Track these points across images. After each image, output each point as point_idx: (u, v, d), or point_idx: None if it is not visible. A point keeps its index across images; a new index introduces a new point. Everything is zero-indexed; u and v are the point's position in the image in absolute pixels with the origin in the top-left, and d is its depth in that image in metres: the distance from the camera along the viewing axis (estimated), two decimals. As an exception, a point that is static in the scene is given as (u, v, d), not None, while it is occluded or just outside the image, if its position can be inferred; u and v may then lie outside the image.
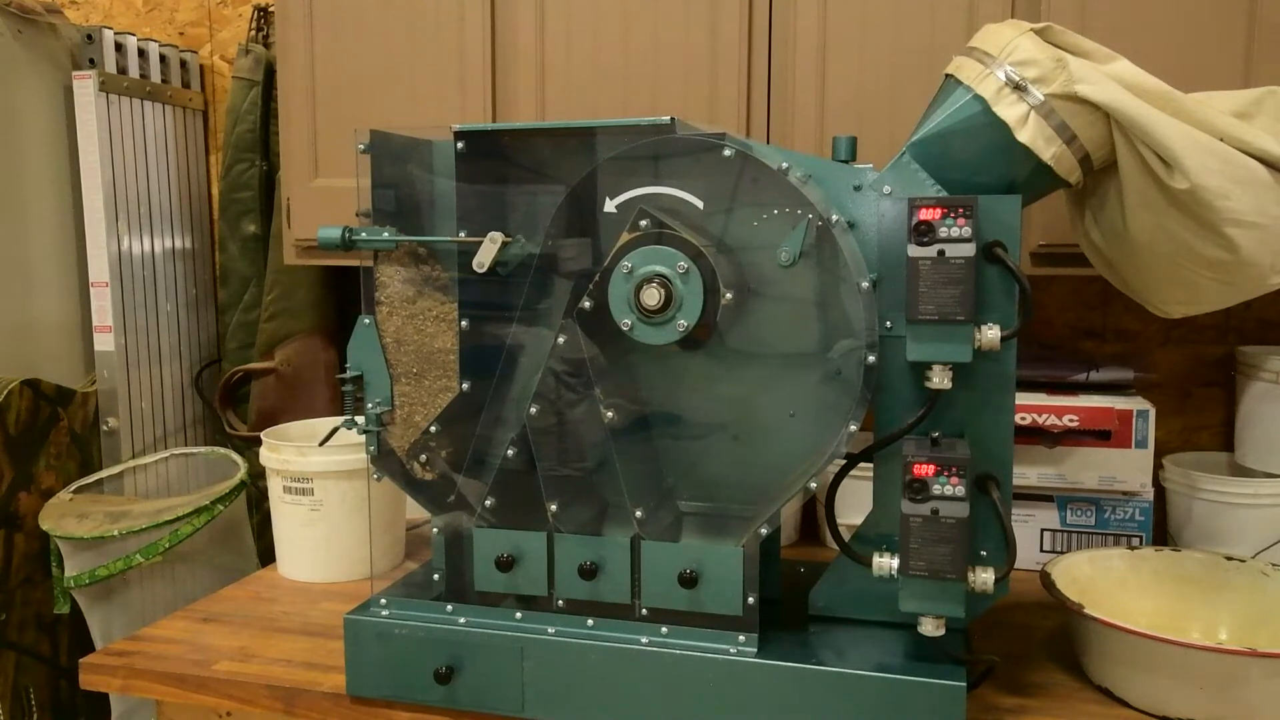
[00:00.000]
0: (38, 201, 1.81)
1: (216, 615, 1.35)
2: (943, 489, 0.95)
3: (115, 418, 1.85)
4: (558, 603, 1.06)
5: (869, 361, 0.95)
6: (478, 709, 1.07)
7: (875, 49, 1.36)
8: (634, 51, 1.44)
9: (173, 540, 1.60)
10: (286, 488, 1.47)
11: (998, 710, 1.04)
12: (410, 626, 1.08)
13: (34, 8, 1.81)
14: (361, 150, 1.07)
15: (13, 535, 1.69)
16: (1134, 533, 1.41)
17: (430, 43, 1.52)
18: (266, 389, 1.92)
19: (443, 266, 1.08)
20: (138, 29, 2.04)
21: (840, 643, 1.04)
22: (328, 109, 1.59)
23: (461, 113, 1.51)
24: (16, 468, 1.70)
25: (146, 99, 1.90)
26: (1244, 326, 1.59)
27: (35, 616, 1.74)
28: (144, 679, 1.18)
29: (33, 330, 1.80)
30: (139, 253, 1.88)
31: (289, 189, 1.62)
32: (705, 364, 1.00)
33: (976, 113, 0.99)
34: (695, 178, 0.98)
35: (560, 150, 1.03)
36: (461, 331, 1.07)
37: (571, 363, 1.03)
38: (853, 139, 1.05)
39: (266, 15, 1.90)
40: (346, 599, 1.32)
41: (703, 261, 0.97)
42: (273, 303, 1.89)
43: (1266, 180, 0.96)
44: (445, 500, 1.10)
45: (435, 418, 1.09)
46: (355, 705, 1.11)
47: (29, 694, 1.73)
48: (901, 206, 0.99)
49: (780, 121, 1.41)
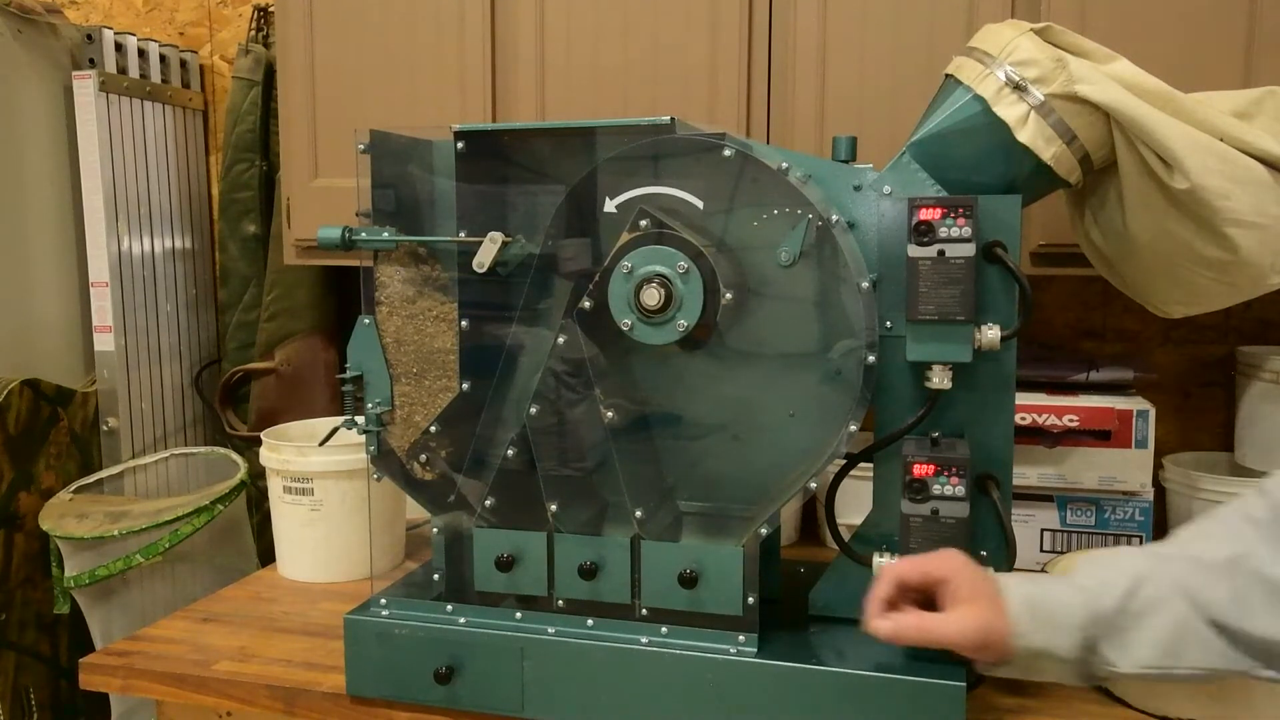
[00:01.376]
0: (38, 201, 1.81)
1: (216, 615, 1.35)
2: (943, 489, 0.95)
3: (115, 418, 1.85)
4: (558, 603, 1.06)
5: (869, 361, 0.95)
6: (478, 709, 1.07)
7: (875, 49, 1.36)
8: (634, 51, 1.44)
9: (173, 540, 1.60)
10: (286, 488, 1.47)
11: (998, 710, 1.04)
12: (410, 626, 1.08)
13: (34, 8, 1.81)
14: (361, 150, 1.07)
15: (13, 535, 1.69)
16: (1134, 533, 1.41)
17: (430, 43, 1.52)
18: (266, 389, 1.92)
19: (443, 266, 1.08)
20: (138, 29, 2.04)
21: (840, 643, 1.04)
22: (328, 109, 1.59)
23: (461, 113, 1.51)
24: (16, 468, 1.70)
25: (146, 99, 1.90)
26: (1244, 326, 1.59)
27: (35, 616, 1.74)
28: (144, 679, 1.18)
29: (33, 330, 1.80)
30: (139, 253, 1.88)
31: (289, 189, 1.62)
32: (705, 364, 1.00)
33: (976, 113, 0.99)
34: (695, 178, 0.98)
35: (560, 150, 1.03)
36: (461, 331, 1.07)
37: (571, 363, 1.03)
38: (853, 139, 1.05)
39: (266, 15, 1.90)
40: (346, 599, 1.32)
41: (703, 261, 0.97)
42: (273, 303, 1.89)
43: (1266, 180, 0.96)
44: (445, 500, 1.10)
45: (435, 418, 1.09)
46: (355, 705, 1.11)
47: (29, 694, 1.73)
48: (901, 206, 0.99)
49: (780, 121, 1.41)
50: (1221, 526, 0.79)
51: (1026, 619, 0.76)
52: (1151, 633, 0.73)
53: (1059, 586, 0.77)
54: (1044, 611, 0.75)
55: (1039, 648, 0.76)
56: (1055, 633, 0.75)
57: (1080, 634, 0.75)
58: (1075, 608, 0.75)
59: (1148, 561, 0.76)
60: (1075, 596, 0.75)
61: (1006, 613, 0.76)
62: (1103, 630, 0.74)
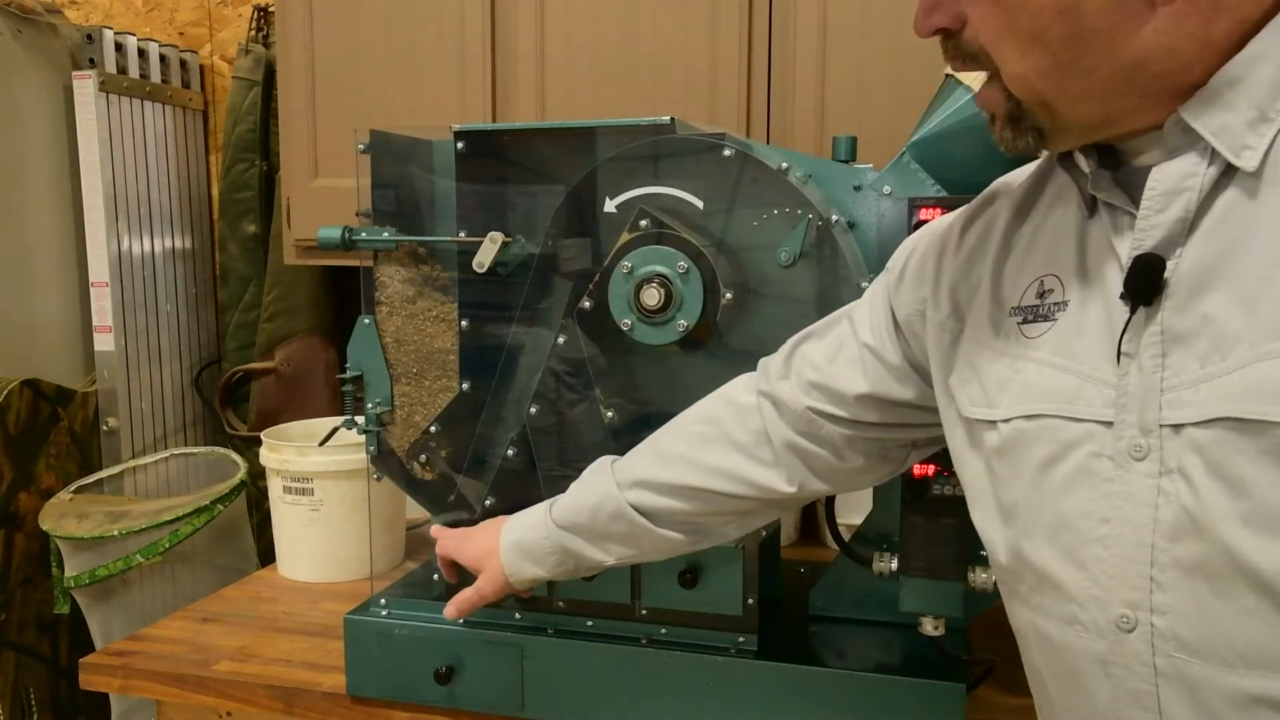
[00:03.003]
0: (38, 201, 1.80)
1: (216, 615, 1.35)
2: (943, 489, 0.95)
3: (115, 418, 1.85)
4: (558, 603, 1.06)
5: (869, 361, 0.95)
6: (477, 709, 1.07)
7: (875, 49, 1.36)
8: (634, 51, 1.44)
9: (173, 540, 1.60)
10: (286, 488, 1.47)
11: (998, 710, 1.04)
12: (410, 626, 1.08)
13: (34, 8, 1.81)
14: (361, 150, 1.07)
15: (13, 535, 1.69)
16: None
17: (430, 43, 1.52)
18: (266, 389, 1.92)
19: (443, 266, 1.08)
20: (138, 29, 2.03)
21: (840, 643, 1.04)
22: (328, 109, 1.59)
23: (461, 113, 1.51)
24: (16, 468, 1.70)
25: (146, 99, 1.90)
26: (1244, 326, 1.59)
27: (35, 616, 1.74)
28: (144, 679, 1.18)
29: (33, 330, 1.80)
30: (139, 253, 1.88)
31: (289, 189, 1.62)
32: (705, 364, 1.00)
33: (976, 112, 0.98)
34: (695, 178, 0.98)
35: (560, 150, 1.03)
36: (461, 331, 1.07)
37: (571, 363, 1.03)
38: (853, 139, 1.05)
39: (266, 15, 1.90)
40: (346, 599, 1.32)
41: (703, 261, 0.97)
42: (273, 303, 1.89)
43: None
44: (445, 500, 1.10)
45: (435, 418, 1.09)
46: (355, 705, 1.11)
47: (29, 694, 1.73)
48: (901, 206, 0.99)
49: (780, 121, 1.41)
50: None
51: (514, 561, 0.97)
52: (617, 538, 0.93)
53: (538, 525, 0.96)
54: (524, 549, 0.97)
55: (528, 577, 0.97)
56: (537, 564, 0.96)
57: (554, 557, 0.95)
58: (543, 542, 0.95)
59: (609, 481, 0.93)
60: (545, 531, 0.95)
61: (500, 560, 0.98)
62: (578, 546, 0.94)
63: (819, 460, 0.84)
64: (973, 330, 0.70)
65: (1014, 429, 0.63)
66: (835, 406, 0.82)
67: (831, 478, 0.86)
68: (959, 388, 0.70)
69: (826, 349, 0.83)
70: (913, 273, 0.77)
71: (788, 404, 0.84)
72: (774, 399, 0.85)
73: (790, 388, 0.84)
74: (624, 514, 0.91)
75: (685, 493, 0.89)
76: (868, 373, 0.80)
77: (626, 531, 0.92)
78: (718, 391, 0.92)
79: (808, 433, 0.84)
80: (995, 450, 0.65)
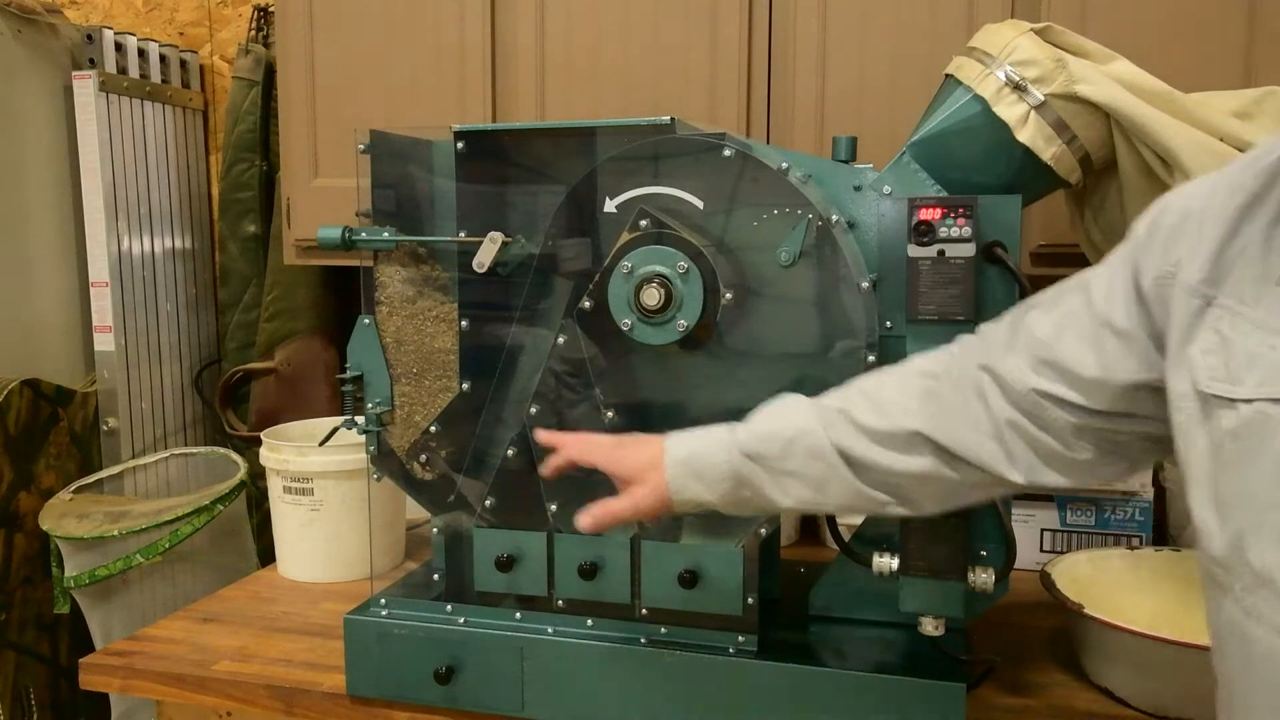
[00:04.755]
0: (38, 201, 1.81)
1: (216, 615, 1.35)
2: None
3: (115, 418, 1.85)
4: (557, 603, 1.06)
5: (869, 361, 0.95)
6: (478, 709, 1.07)
7: (875, 49, 1.36)
8: (634, 51, 1.44)
9: (173, 540, 1.60)
10: (286, 488, 1.47)
11: (998, 710, 1.04)
12: (410, 626, 1.08)
13: (34, 8, 1.81)
14: (361, 150, 1.07)
15: (13, 535, 1.69)
16: (1134, 533, 1.41)
17: (430, 43, 1.52)
18: (266, 389, 1.92)
19: (443, 266, 1.08)
20: (138, 29, 2.04)
21: (840, 643, 1.04)
22: (328, 109, 1.59)
23: (461, 113, 1.51)
24: (16, 468, 1.70)
25: (146, 99, 1.90)
26: (1244, 326, 1.59)
27: (35, 616, 1.74)
28: (144, 679, 1.18)
29: (33, 330, 1.80)
30: (139, 253, 1.88)
31: (289, 189, 1.62)
32: (705, 364, 1.00)
33: (976, 113, 0.99)
34: (695, 178, 0.98)
35: (560, 150, 1.03)
36: (461, 331, 1.07)
37: (571, 363, 1.03)
38: (853, 139, 1.05)
39: (266, 15, 1.90)
40: (346, 599, 1.32)
41: (703, 261, 0.97)
42: (273, 303, 1.89)
43: (1266, 180, 0.96)
44: (445, 500, 1.10)
45: (435, 418, 1.09)
46: (355, 705, 1.11)
47: (29, 694, 1.73)
48: (901, 206, 0.99)
49: (780, 121, 1.41)
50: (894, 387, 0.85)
51: (680, 478, 0.88)
52: (806, 480, 0.84)
53: (716, 446, 0.88)
54: (695, 469, 0.87)
55: (691, 499, 0.88)
56: (707, 487, 0.87)
57: (727, 484, 0.86)
58: (721, 465, 0.86)
59: (811, 417, 0.85)
60: (724, 454, 0.86)
61: (665, 475, 0.89)
62: (758, 478, 0.85)
63: (1044, 446, 0.76)
64: (1228, 298, 0.62)
65: (1257, 412, 0.57)
66: (1064, 387, 0.74)
67: (1061, 467, 0.77)
68: (1199, 357, 0.63)
69: (1054, 322, 0.75)
70: (1167, 232, 0.69)
71: (1011, 384, 0.76)
72: (995, 374, 0.77)
73: (1016, 365, 0.76)
74: (824, 455, 0.82)
75: (904, 442, 0.80)
76: (1102, 350, 0.72)
77: (820, 475, 0.83)
78: (937, 352, 0.84)
79: (1032, 414, 0.76)
80: (1231, 432, 0.59)
